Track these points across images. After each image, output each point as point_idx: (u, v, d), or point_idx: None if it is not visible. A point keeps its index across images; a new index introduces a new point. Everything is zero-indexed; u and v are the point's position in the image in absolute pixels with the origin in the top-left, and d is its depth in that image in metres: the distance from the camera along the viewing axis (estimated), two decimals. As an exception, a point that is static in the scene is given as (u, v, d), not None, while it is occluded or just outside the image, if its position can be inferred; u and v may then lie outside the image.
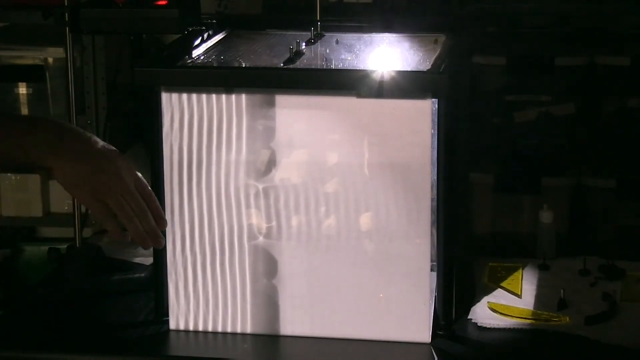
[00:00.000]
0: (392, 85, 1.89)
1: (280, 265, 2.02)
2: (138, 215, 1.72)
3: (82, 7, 2.19)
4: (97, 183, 1.69)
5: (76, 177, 1.68)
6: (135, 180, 1.75)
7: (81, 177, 1.68)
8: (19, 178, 3.09)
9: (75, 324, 2.11)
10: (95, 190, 1.69)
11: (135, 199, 1.72)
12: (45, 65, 3.03)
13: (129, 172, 1.73)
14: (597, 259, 2.32)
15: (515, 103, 2.69)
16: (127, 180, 1.71)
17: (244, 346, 2.02)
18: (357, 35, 2.27)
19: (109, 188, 1.70)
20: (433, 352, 1.97)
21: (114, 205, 1.70)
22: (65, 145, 1.68)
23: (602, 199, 2.62)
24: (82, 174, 1.68)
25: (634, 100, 2.66)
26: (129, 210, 1.71)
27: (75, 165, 1.68)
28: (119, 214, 1.70)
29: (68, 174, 1.68)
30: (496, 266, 2.31)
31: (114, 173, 1.70)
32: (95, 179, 1.69)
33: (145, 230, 1.74)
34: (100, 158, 1.71)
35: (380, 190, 1.97)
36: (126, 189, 1.71)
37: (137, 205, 1.72)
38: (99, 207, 1.70)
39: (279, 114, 1.97)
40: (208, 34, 2.23)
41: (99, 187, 1.69)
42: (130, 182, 1.72)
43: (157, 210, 1.77)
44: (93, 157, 1.70)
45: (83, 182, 1.69)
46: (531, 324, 2.07)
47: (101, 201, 1.70)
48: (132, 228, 1.72)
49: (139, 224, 1.73)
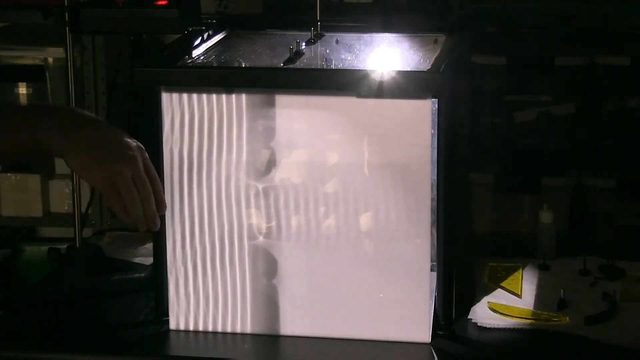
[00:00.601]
0: (392, 85, 1.89)
1: (280, 265, 2.02)
2: (143, 200, 1.73)
3: (82, 7, 2.20)
4: (110, 168, 1.69)
5: (90, 163, 1.69)
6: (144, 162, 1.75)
7: (95, 162, 1.69)
8: (19, 178, 3.09)
9: (75, 324, 2.11)
10: (109, 175, 1.70)
11: (144, 184, 1.73)
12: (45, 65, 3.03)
13: (140, 155, 1.74)
14: (597, 259, 2.32)
15: (515, 103, 2.69)
16: (138, 165, 1.72)
17: (244, 346, 2.02)
18: (357, 35, 2.27)
19: (121, 174, 1.70)
20: (433, 352, 1.97)
21: (124, 190, 1.70)
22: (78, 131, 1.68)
23: (602, 199, 2.62)
24: (96, 159, 1.69)
25: (634, 100, 2.66)
26: (136, 195, 1.72)
27: (89, 150, 1.68)
28: (126, 197, 1.70)
29: (82, 160, 1.68)
30: (496, 266, 2.31)
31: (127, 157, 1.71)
32: (109, 164, 1.69)
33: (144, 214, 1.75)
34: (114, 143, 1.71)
35: (380, 190, 1.97)
36: (138, 173, 1.72)
37: (144, 190, 1.73)
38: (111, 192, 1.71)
39: (279, 114, 1.97)
40: (208, 34, 2.23)
41: (113, 172, 1.70)
42: (141, 165, 1.73)
43: (159, 194, 1.77)
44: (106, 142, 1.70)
45: (97, 167, 1.69)
46: (531, 324, 2.07)
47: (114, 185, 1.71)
48: (134, 212, 1.73)
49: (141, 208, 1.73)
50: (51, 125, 1.66)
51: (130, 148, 1.72)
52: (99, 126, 1.72)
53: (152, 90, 2.00)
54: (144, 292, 2.19)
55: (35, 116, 1.68)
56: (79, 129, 1.68)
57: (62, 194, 3.12)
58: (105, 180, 1.69)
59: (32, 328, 2.09)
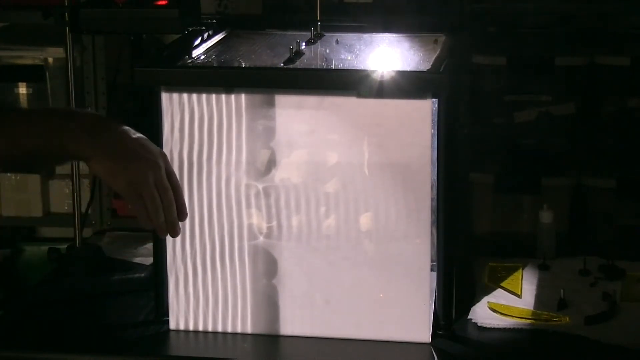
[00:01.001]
0: (392, 85, 1.89)
1: (280, 265, 2.02)
2: (164, 206, 1.73)
3: (82, 7, 2.19)
4: (134, 173, 1.69)
5: (114, 168, 1.69)
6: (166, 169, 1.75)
7: (120, 167, 1.69)
8: (19, 178, 3.09)
9: (75, 324, 2.11)
10: (132, 181, 1.70)
11: (166, 190, 1.73)
12: (45, 65, 3.03)
13: (163, 162, 1.74)
14: (597, 259, 2.32)
15: (515, 103, 2.69)
16: (162, 171, 1.72)
17: (244, 346, 2.02)
18: (357, 35, 2.27)
19: (145, 179, 1.70)
20: (433, 352, 1.97)
21: (147, 196, 1.70)
22: (102, 136, 1.68)
23: (602, 199, 2.62)
24: (120, 164, 1.69)
25: (634, 100, 2.66)
26: (158, 202, 1.72)
27: (113, 155, 1.68)
28: (148, 203, 1.70)
29: (106, 165, 1.68)
30: (496, 266, 2.31)
31: (150, 164, 1.71)
32: (134, 169, 1.69)
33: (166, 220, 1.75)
34: (138, 148, 1.71)
35: (380, 190, 1.97)
36: (160, 179, 1.71)
37: (166, 196, 1.73)
38: (135, 197, 1.71)
39: (279, 114, 1.97)
40: (208, 34, 2.23)
41: (137, 177, 1.69)
42: (163, 171, 1.73)
43: (181, 201, 1.77)
44: (130, 147, 1.70)
45: (121, 173, 1.69)
46: (531, 324, 2.07)
47: (137, 190, 1.71)
48: (156, 219, 1.73)
49: (162, 214, 1.73)
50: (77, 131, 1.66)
51: (154, 154, 1.72)
52: (123, 131, 1.71)
53: (152, 90, 2.00)
54: (144, 292, 2.19)
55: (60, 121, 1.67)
56: (103, 134, 1.68)
57: (62, 194, 3.12)
58: (128, 186, 1.69)
59: (32, 328, 2.09)
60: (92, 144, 1.67)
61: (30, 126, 1.67)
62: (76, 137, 1.66)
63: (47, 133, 1.66)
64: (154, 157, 1.71)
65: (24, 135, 1.65)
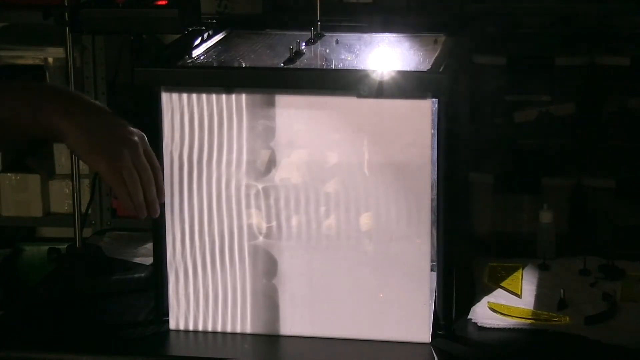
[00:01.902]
0: (392, 85, 1.89)
1: (280, 265, 2.02)
2: (144, 185, 1.73)
3: (82, 7, 2.19)
4: (113, 151, 1.69)
5: (92, 145, 1.68)
6: (144, 149, 1.75)
7: (98, 144, 1.68)
8: (19, 178, 3.09)
9: (75, 324, 2.11)
10: (111, 159, 1.69)
11: (144, 169, 1.73)
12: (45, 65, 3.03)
13: (142, 142, 1.74)
14: (597, 259, 2.32)
15: (515, 103, 2.69)
16: (139, 149, 1.72)
17: (244, 346, 2.02)
18: (357, 35, 2.27)
19: (123, 156, 1.70)
20: (433, 352, 1.97)
21: (126, 174, 1.70)
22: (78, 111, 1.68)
23: (602, 199, 2.62)
24: (98, 142, 1.68)
25: (634, 100, 2.67)
26: (137, 180, 1.72)
27: (90, 132, 1.67)
28: (128, 182, 1.70)
29: (84, 142, 1.67)
30: (496, 266, 2.31)
31: (128, 141, 1.71)
32: (112, 147, 1.69)
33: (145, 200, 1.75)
34: (116, 126, 1.71)
35: (380, 190, 1.97)
36: (138, 158, 1.71)
37: (145, 175, 1.73)
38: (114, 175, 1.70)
39: (279, 114, 1.97)
40: (208, 34, 2.23)
41: (115, 155, 1.69)
42: (141, 150, 1.73)
43: (160, 182, 1.77)
44: (108, 125, 1.70)
45: (99, 150, 1.69)
46: (531, 324, 2.07)
47: (117, 169, 1.71)
48: (135, 198, 1.73)
49: (142, 194, 1.73)
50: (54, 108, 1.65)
51: (132, 133, 1.72)
52: (101, 111, 1.72)
53: (152, 90, 2.00)
54: (144, 292, 2.19)
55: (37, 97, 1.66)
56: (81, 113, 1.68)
57: (62, 194, 3.12)
58: (107, 164, 1.69)
59: (32, 328, 2.09)
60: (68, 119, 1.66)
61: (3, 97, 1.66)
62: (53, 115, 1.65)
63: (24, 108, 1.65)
64: (131, 136, 1.71)
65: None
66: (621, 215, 2.63)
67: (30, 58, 3.05)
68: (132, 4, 2.17)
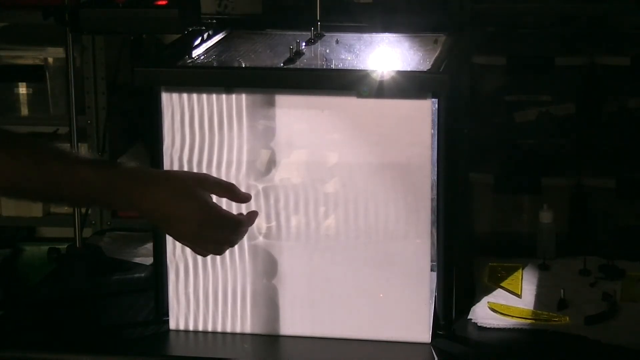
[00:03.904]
0: (392, 85, 1.89)
1: (280, 265, 2.02)
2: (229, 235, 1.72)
3: (82, 7, 2.19)
4: (220, 240, 1.69)
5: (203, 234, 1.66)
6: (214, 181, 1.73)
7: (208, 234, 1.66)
8: (19, 178, 3.08)
9: (75, 324, 2.11)
10: (217, 246, 1.71)
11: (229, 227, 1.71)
12: (45, 65, 3.03)
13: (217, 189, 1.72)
14: (597, 259, 2.32)
15: (515, 103, 2.69)
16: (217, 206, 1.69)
17: (244, 346, 2.02)
18: (357, 35, 2.27)
19: (222, 250, 1.71)
20: (433, 352, 1.97)
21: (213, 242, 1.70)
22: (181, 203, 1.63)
23: (602, 199, 2.62)
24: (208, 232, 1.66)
25: (634, 100, 2.67)
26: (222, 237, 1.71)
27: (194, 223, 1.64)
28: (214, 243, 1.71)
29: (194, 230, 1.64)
30: (496, 266, 2.31)
31: (234, 229, 1.70)
32: (219, 236, 1.69)
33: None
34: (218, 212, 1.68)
35: (380, 190, 1.97)
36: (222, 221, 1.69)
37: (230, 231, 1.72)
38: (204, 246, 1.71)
39: (279, 114, 1.97)
40: (208, 34, 2.23)
41: (221, 242, 1.70)
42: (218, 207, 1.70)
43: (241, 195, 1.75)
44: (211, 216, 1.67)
45: (209, 240, 1.68)
46: (531, 324, 2.07)
47: (218, 252, 1.73)
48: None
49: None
50: (156, 198, 1.61)
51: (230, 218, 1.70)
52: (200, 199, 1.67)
53: (152, 90, 2.00)
54: (144, 292, 2.19)
55: (141, 186, 1.61)
56: (182, 200, 1.64)
57: (62, 194, 3.11)
58: (213, 250, 1.71)
59: (32, 328, 2.09)
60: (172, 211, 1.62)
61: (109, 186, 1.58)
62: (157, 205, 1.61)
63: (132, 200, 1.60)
64: (233, 221, 1.70)
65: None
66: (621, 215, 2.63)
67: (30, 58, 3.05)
68: (132, 4, 2.17)
